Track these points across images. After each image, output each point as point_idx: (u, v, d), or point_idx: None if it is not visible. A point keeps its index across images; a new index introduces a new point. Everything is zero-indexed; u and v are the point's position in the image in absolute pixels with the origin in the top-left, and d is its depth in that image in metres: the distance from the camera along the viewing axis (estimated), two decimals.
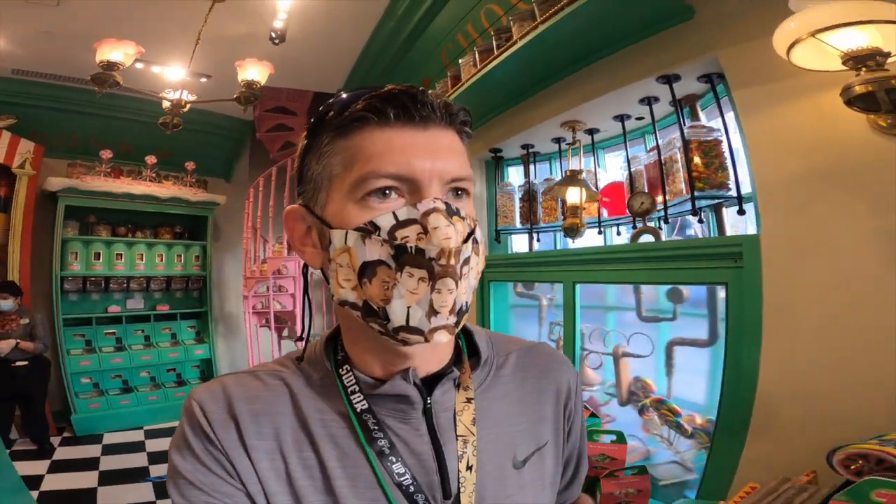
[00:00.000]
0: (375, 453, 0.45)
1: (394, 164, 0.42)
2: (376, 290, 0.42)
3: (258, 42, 2.90)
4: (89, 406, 3.68)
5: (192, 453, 0.44)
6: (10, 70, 3.46)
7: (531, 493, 0.51)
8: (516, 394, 0.54)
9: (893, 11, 0.86)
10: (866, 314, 1.02)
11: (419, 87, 0.44)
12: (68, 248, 3.80)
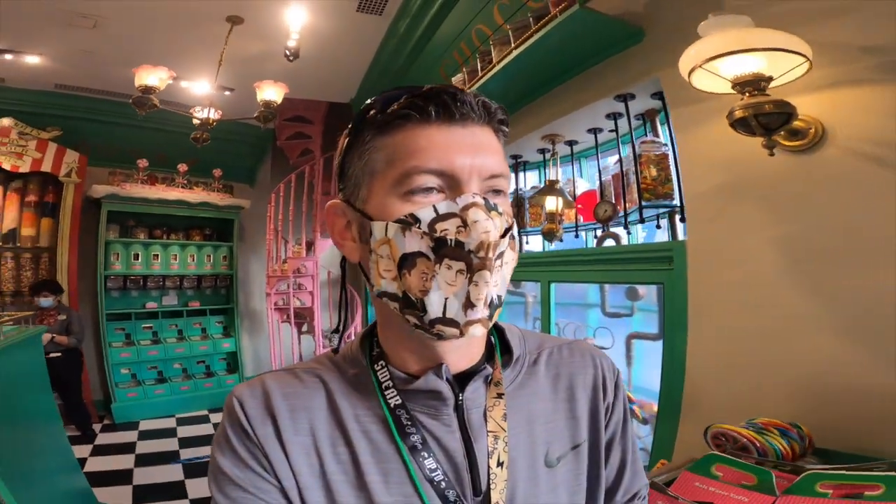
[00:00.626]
0: (408, 448, 0.46)
1: (435, 159, 0.43)
2: (415, 281, 0.43)
3: (275, 59, 3.21)
4: (127, 395, 4.09)
5: (232, 449, 0.46)
6: (53, 85, 3.89)
7: (565, 492, 0.50)
8: (549, 391, 0.54)
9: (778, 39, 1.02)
10: (766, 309, 1.19)
11: (456, 88, 0.46)
12: (110, 249, 4.23)
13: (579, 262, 1.91)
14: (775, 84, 1.07)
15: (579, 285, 2.23)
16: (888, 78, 1.00)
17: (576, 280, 2.00)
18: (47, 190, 4.09)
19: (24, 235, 4.00)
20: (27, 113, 3.93)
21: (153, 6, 2.73)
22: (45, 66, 3.52)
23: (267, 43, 3.14)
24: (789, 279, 1.14)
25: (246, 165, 5.03)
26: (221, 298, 4.80)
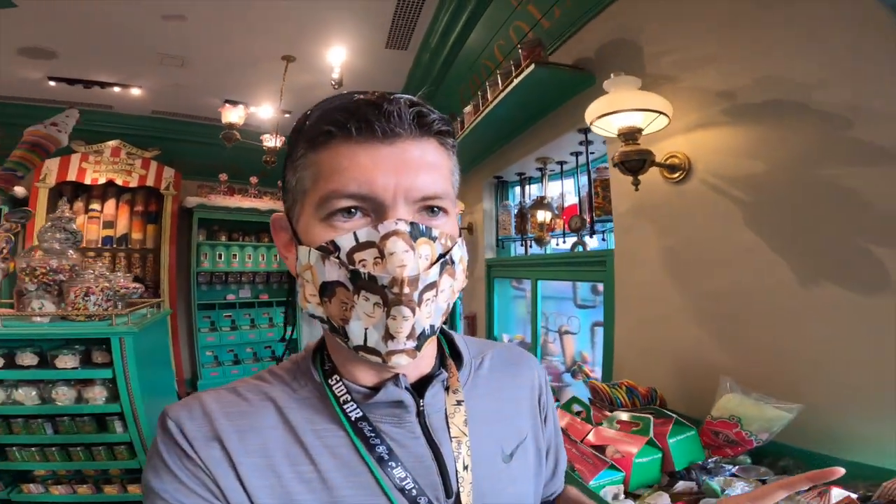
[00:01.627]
0: (375, 460, 0.46)
1: (355, 182, 0.41)
2: (336, 309, 0.43)
3: (323, 87, 3.85)
4: (210, 374, 4.99)
5: (170, 473, 0.44)
6: (150, 111, 4.83)
7: (521, 484, 0.55)
8: (495, 392, 0.57)
9: (646, 101, 1.39)
10: (657, 303, 1.57)
11: (393, 95, 0.43)
12: (200, 250, 5.15)
13: (556, 264, 2.31)
14: (653, 129, 1.44)
15: (561, 281, 2.63)
16: (732, 120, 1.34)
17: (551, 278, 2.41)
18: (150, 201, 5.08)
19: (133, 238, 5.01)
20: (131, 135, 4.88)
21: (226, 49, 3.46)
22: (144, 97, 4.44)
23: (315, 75, 3.80)
24: (670, 280, 1.51)
25: None
26: (285, 292, 5.60)
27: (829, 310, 1.10)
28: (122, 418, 2.06)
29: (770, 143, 1.23)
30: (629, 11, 1.75)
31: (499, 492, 0.52)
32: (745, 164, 1.28)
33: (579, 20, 2.08)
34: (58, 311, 1.90)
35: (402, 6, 2.91)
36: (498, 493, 0.52)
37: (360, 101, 0.43)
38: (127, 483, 2.30)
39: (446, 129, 0.46)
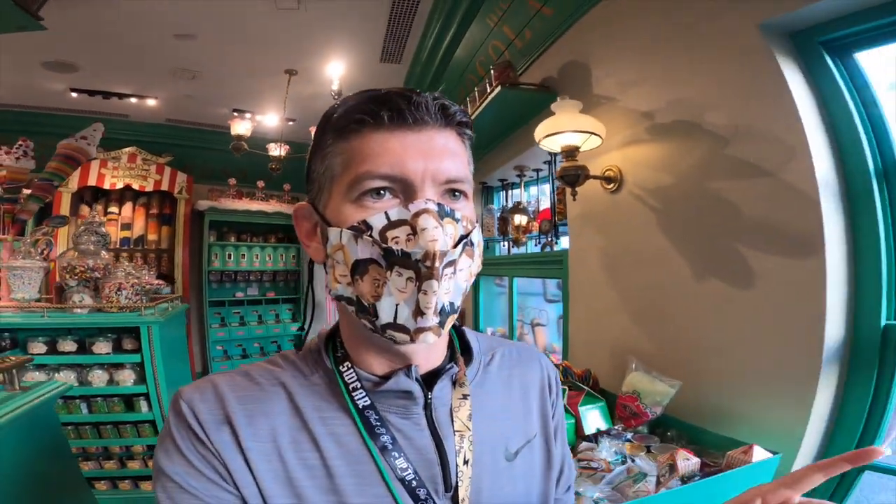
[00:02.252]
0: (378, 449, 0.48)
1: (387, 164, 0.45)
2: (367, 287, 0.46)
3: (324, 98, 4.18)
4: (220, 368, 5.35)
5: (181, 455, 0.46)
6: (164, 119, 5.19)
7: (523, 484, 0.56)
8: (504, 389, 0.59)
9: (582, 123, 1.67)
10: (598, 298, 1.87)
11: (416, 90, 0.47)
12: (211, 250, 5.52)
13: (528, 263, 2.62)
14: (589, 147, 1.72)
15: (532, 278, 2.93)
16: (651, 138, 1.63)
17: (524, 276, 2.71)
18: (165, 204, 5.45)
19: (149, 240, 5.38)
20: (146, 142, 5.23)
21: (233, 64, 3.81)
22: (159, 106, 4.80)
23: (316, 87, 4.13)
24: (607, 277, 1.81)
25: None
26: (291, 290, 6.00)
27: (712, 302, 1.39)
28: (148, 399, 2.41)
29: (675, 158, 1.52)
30: (582, 36, 2.04)
31: (497, 489, 0.53)
32: (659, 176, 1.58)
33: (545, 42, 2.37)
34: (95, 303, 2.25)
35: (393, 25, 3.22)
36: (496, 490, 0.53)
37: (391, 92, 0.47)
38: (148, 459, 2.64)
39: (465, 120, 0.50)
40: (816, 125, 1.17)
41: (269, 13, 3.05)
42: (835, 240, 1.12)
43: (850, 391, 1.19)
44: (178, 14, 3.07)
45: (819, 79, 1.24)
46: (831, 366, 1.16)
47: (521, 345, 0.67)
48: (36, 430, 1.15)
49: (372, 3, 2.98)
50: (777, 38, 1.27)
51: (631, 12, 1.72)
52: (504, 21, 2.66)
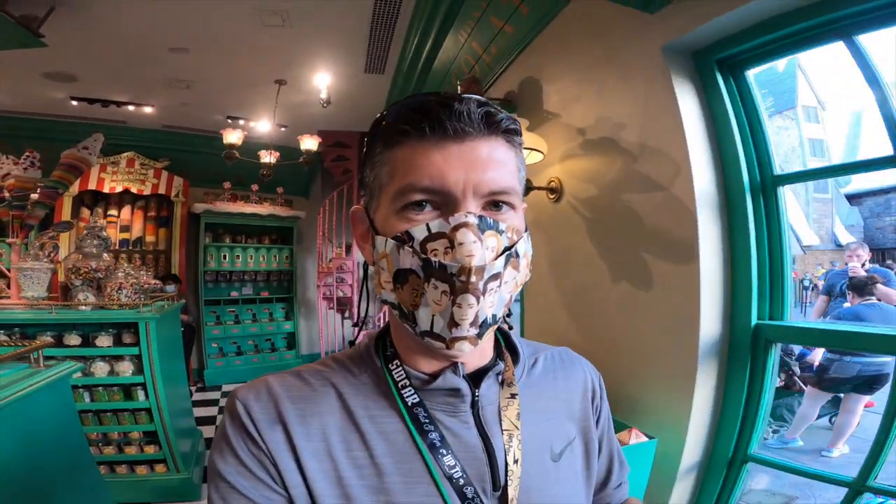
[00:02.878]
0: (427, 446, 0.49)
1: (428, 177, 0.46)
2: (407, 295, 0.48)
3: (314, 105, 4.43)
4: (215, 365, 5.63)
5: (235, 455, 0.48)
6: (160, 125, 5.44)
7: (568, 485, 0.57)
8: (548, 391, 0.61)
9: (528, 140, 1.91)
10: (544, 296, 2.11)
11: (462, 96, 0.47)
12: (207, 251, 5.79)
13: None
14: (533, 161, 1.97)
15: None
16: (584, 152, 1.88)
17: None
18: (162, 207, 5.72)
19: (147, 241, 5.65)
20: (144, 147, 5.49)
21: (225, 74, 4.06)
22: (155, 113, 5.04)
23: (305, 96, 4.38)
24: (551, 279, 2.06)
25: (302, 182, 6.44)
26: (284, 289, 6.26)
27: (623, 302, 1.63)
28: (145, 388, 2.66)
29: (600, 171, 1.76)
30: (537, 55, 2.29)
31: (545, 489, 0.54)
32: (588, 188, 1.82)
33: (508, 57, 2.62)
34: (98, 301, 2.50)
35: (373, 38, 3.46)
36: (544, 490, 0.54)
37: (433, 101, 0.47)
38: (144, 444, 2.89)
39: (514, 127, 0.50)
40: (702, 142, 1.41)
41: (257, 29, 3.30)
42: (710, 247, 1.35)
43: (729, 383, 1.42)
44: (171, 30, 3.31)
45: (710, 97, 1.45)
46: (709, 360, 1.39)
47: (564, 350, 0.68)
48: (56, 399, 1.39)
49: (353, 19, 3.22)
50: (678, 59, 1.47)
51: (574, 35, 1.95)
52: (472, 37, 2.90)
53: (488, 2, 2.49)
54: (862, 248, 4.03)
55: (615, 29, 1.68)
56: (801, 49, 1.33)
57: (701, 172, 1.37)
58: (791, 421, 3.97)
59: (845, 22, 1.18)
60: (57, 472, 1.39)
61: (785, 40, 1.31)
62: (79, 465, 1.61)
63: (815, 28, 1.23)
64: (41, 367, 1.38)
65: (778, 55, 1.39)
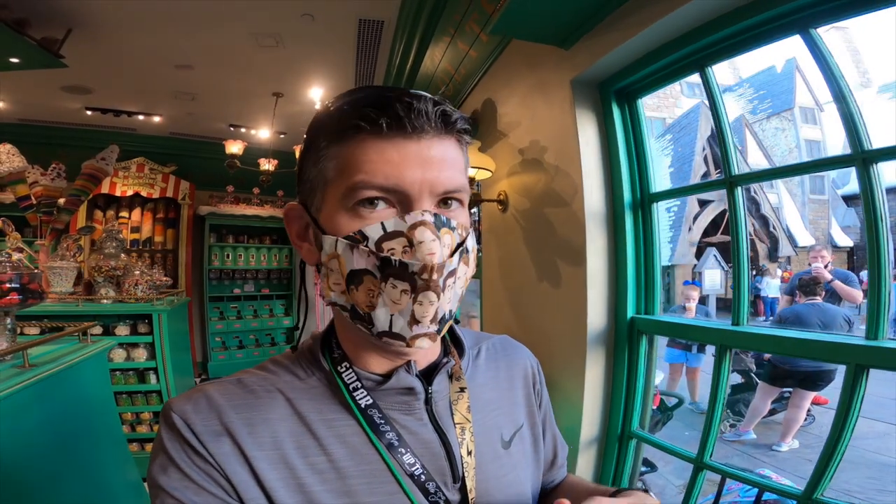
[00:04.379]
0: (385, 446, 0.50)
1: (384, 175, 0.46)
2: (362, 296, 0.48)
3: (309, 115, 4.81)
4: (218, 357, 6.11)
5: (178, 469, 0.46)
6: (168, 133, 5.91)
7: (520, 469, 0.61)
8: (492, 381, 0.64)
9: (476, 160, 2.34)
10: (496, 295, 2.53)
11: (418, 93, 0.47)
12: (211, 251, 6.27)
13: None
14: (483, 177, 2.38)
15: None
16: (522, 170, 2.28)
17: None
18: (170, 209, 6.20)
19: (156, 241, 6.13)
20: (153, 153, 5.97)
21: (227, 88, 4.50)
22: (163, 122, 5.52)
23: (301, 106, 4.83)
24: (500, 279, 2.48)
25: None
26: (283, 287, 6.75)
27: (543, 299, 2.03)
28: (156, 372, 3.12)
29: (531, 187, 2.16)
30: (493, 78, 2.68)
31: (500, 476, 0.57)
32: (524, 200, 2.22)
33: (473, 79, 3.02)
34: (117, 295, 2.96)
35: (360, 56, 3.88)
36: (499, 477, 0.57)
37: (391, 96, 0.46)
38: (154, 424, 3.34)
39: (466, 127, 0.51)
40: (597, 164, 1.78)
41: (254, 49, 3.74)
42: (597, 253, 1.73)
43: (616, 369, 1.77)
44: (177, 49, 3.76)
45: (608, 124, 1.80)
46: (597, 347, 1.75)
47: (504, 338, 0.72)
48: (98, 367, 1.83)
49: (340, 40, 3.64)
50: (585, 91, 1.80)
51: (517, 65, 2.32)
52: (445, 59, 3.31)
53: (456, 27, 2.90)
54: (826, 249, 4.39)
55: (544, 63, 2.01)
56: (682, 76, 1.62)
57: (593, 191, 1.76)
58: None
59: (701, 53, 1.48)
60: (97, 437, 1.79)
61: (667, 69, 1.61)
62: (112, 433, 2.03)
63: (679, 60, 1.54)
64: (88, 342, 1.83)
65: (663, 83, 1.69)
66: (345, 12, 3.27)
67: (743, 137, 13.15)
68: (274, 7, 3.13)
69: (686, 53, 1.52)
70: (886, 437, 4.12)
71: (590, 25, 1.66)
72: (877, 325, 1.17)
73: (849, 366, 1.17)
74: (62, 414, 1.53)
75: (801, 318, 3.52)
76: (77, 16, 3.20)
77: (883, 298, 1.18)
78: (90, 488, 1.58)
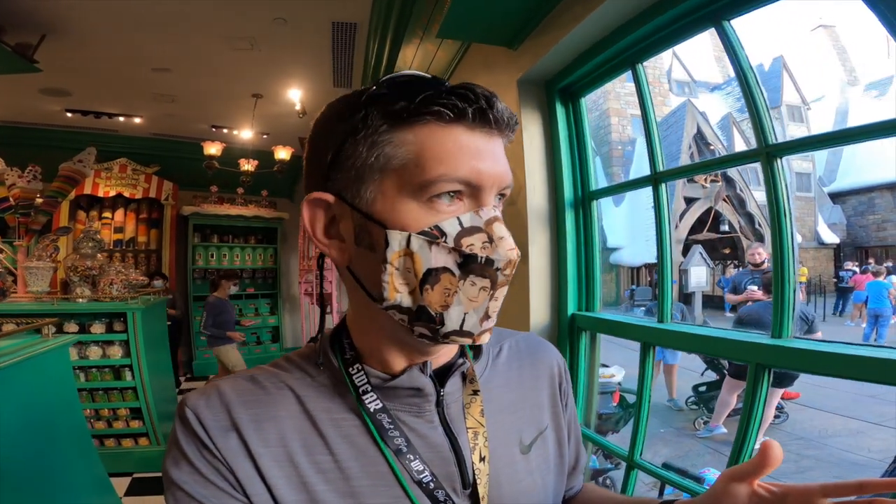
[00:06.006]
0: (393, 452, 0.49)
1: (466, 168, 0.44)
2: (437, 296, 0.45)
3: (289, 115, 4.95)
4: (204, 356, 6.18)
5: (189, 463, 0.46)
6: (150, 133, 5.96)
7: (539, 475, 0.57)
8: (514, 381, 0.60)
9: None
10: None
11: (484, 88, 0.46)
12: (195, 251, 6.35)
13: None
14: None
15: None
16: None
17: None
18: (153, 209, 6.27)
19: (139, 241, 6.20)
20: (135, 154, 6.02)
21: (206, 90, 4.57)
22: (144, 123, 5.58)
23: (281, 107, 4.91)
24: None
25: (286, 185, 6.98)
26: (269, 286, 6.84)
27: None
28: (131, 369, 3.20)
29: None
30: (458, 76, 2.74)
31: (515, 483, 0.55)
32: None
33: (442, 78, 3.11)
34: (92, 294, 3.04)
35: (336, 58, 3.97)
36: (514, 483, 0.54)
37: (475, 89, 0.45)
38: (130, 420, 3.40)
39: (516, 126, 0.50)
40: (541, 163, 1.85)
41: (230, 52, 3.82)
42: (539, 251, 1.81)
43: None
44: (153, 53, 3.82)
45: (552, 123, 1.86)
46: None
47: (530, 335, 0.69)
48: (60, 362, 1.92)
49: (315, 43, 3.72)
50: (532, 90, 1.85)
51: (477, 66, 2.37)
52: (416, 60, 3.40)
53: (424, 29, 2.99)
54: (762, 246, 4.54)
55: (497, 63, 2.07)
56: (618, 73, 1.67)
57: (535, 189, 1.85)
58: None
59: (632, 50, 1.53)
60: (57, 431, 1.86)
61: (603, 66, 1.66)
62: (75, 428, 2.11)
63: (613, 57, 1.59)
64: (49, 337, 1.91)
65: (602, 80, 1.74)
66: (317, 15, 3.36)
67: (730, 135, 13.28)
68: (246, 11, 3.21)
69: (618, 50, 1.57)
70: (860, 436, 4.19)
71: (532, 25, 1.73)
72: (780, 324, 1.16)
73: (750, 365, 1.17)
74: (17, 407, 1.60)
75: (760, 317, 3.55)
76: (51, 22, 3.27)
77: (787, 295, 1.18)
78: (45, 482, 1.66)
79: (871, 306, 8.07)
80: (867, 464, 3.49)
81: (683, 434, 4.46)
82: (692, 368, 5.36)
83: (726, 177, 11.92)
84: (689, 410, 4.78)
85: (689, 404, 4.83)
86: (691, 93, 15.78)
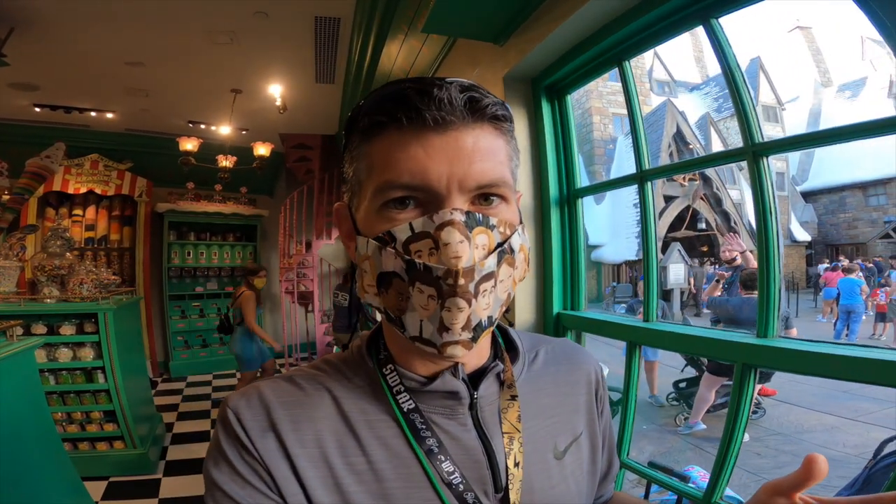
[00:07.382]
0: (424, 452, 0.49)
1: (408, 173, 0.44)
2: (393, 300, 0.46)
3: (270, 111, 4.85)
4: (181, 356, 6.05)
5: (228, 463, 0.47)
6: (123, 128, 5.78)
7: (573, 482, 0.57)
8: (551, 386, 0.60)
9: None
10: None
11: (442, 80, 0.44)
12: (171, 249, 6.19)
13: None
14: None
15: None
16: None
17: None
18: (126, 206, 6.09)
19: (112, 239, 6.02)
20: (108, 149, 5.82)
21: (182, 84, 4.45)
22: (117, 118, 5.41)
23: (261, 103, 4.81)
24: None
25: (266, 181, 6.86)
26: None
27: None
28: (104, 371, 3.10)
29: None
30: (443, 72, 2.65)
31: (549, 488, 0.54)
32: None
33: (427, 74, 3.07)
34: (61, 295, 2.93)
35: (319, 52, 3.89)
36: (547, 489, 0.54)
37: (409, 88, 0.44)
38: (104, 423, 3.29)
39: (502, 113, 0.47)
40: (525, 161, 1.83)
41: (209, 46, 3.72)
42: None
43: None
44: (126, 46, 3.70)
45: (538, 121, 1.85)
46: None
47: (566, 341, 0.69)
48: (25, 365, 1.84)
49: (297, 37, 3.65)
50: (518, 87, 1.84)
51: (463, 61, 2.35)
52: (400, 56, 3.36)
53: (409, 24, 2.95)
54: (734, 239, 4.64)
55: (482, 59, 2.05)
56: (604, 70, 1.67)
57: (521, 187, 1.83)
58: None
59: (618, 48, 1.53)
60: (24, 435, 1.78)
61: (589, 63, 1.65)
62: (44, 432, 2.03)
63: (600, 55, 1.59)
64: (14, 340, 1.83)
65: (588, 77, 1.73)
66: (300, 10, 3.28)
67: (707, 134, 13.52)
68: (225, 4, 3.12)
69: (605, 48, 1.57)
70: (834, 431, 4.24)
71: (519, 21, 1.71)
72: (766, 322, 1.16)
73: (737, 365, 1.16)
74: None
75: (741, 311, 3.64)
76: (19, 14, 3.13)
77: (773, 294, 1.17)
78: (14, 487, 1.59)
79: (843, 302, 8.30)
80: (843, 459, 3.55)
81: (665, 430, 4.51)
82: (673, 365, 5.44)
83: (704, 175, 12.16)
84: (670, 406, 4.85)
85: (669, 400, 4.90)
86: (671, 92, 16.04)
